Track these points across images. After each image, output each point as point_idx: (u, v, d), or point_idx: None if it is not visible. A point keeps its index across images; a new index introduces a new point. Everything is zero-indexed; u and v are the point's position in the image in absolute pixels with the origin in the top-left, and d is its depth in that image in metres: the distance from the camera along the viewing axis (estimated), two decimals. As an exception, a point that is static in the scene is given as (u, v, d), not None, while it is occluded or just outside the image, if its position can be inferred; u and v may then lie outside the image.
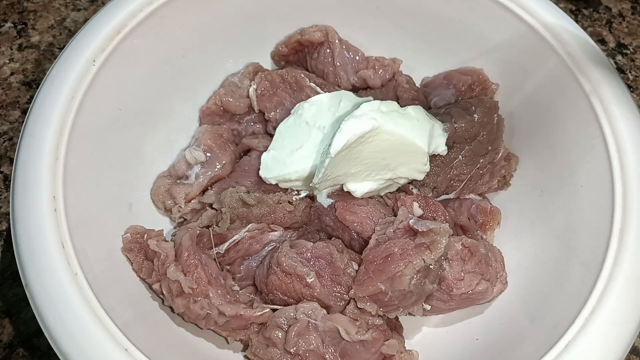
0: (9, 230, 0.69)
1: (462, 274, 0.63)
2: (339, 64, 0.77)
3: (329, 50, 0.77)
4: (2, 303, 0.73)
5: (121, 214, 0.67)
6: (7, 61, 0.91)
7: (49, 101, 0.62)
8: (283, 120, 0.72)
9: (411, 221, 0.62)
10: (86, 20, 0.72)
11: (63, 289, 0.54)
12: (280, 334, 0.60)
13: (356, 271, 0.63)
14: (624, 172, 0.62)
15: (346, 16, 0.79)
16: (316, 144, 0.67)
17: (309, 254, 0.63)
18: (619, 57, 0.99)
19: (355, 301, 0.61)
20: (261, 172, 0.70)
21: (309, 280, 0.61)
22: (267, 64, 0.81)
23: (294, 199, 0.68)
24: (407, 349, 0.63)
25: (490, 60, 0.76)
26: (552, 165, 0.71)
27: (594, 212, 0.63)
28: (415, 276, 0.59)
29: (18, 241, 0.56)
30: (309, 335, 0.60)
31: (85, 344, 0.52)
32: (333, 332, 0.60)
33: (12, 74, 0.90)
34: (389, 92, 0.77)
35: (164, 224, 0.72)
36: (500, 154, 0.73)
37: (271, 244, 0.67)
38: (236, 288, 0.66)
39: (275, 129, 0.72)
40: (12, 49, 0.92)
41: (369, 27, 0.80)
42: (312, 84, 0.75)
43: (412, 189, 0.70)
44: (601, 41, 1.00)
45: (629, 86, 0.92)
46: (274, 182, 0.69)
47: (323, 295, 0.62)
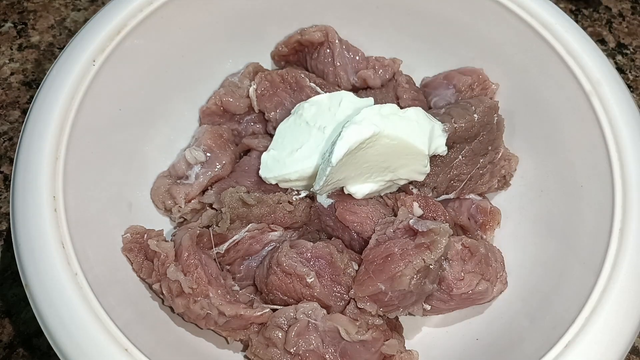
0: (9, 230, 0.69)
1: (462, 274, 0.63)
2: (339, 64, 0.77)
3: (329, 50, 0.77)
4: (2, 303, 0.73)
5: (121, 214, 0.67)
6: (7, 61, 0.91)
7: (49, 101, 0.62)
8: (283, 120, 0.72)
9: (411, 221, 0.62)
10: (86, 20, 0.72)
11: (63, 289, 0.54)
12: (280, 334, 0.60)
13: (356, 271, 0.63)
14: (624, 172, 0.62)
15: (346, 16, 0.79)
16: (316, 144, 0.67)
17: (309, 254, 0.63)
18: (619, 57, 0.99)
19: (355, 301, 0.61)
20: (261, 172, 0.70)
21: (309, 280, 0.61)
22: (267, 64, 0.81)
23: (294, 199, 0.68)
24: (407, 349, 0.63)
25: (490, 60, 0.76)
26: (552, 165, 0.71)
27: (594, 212, 0.63)
28: (415, 276, 0.59)
29: (18, 241, 0.56)
30: (309, 335, 0.59)
31: (85, 344, 0.52)
32: (333, 332, 0.60)
33: (12, 74, 0.90)
34: (389, 92, 0.77)
35: (164, 224, 0.72)
36: (500, 154, 0.73)
37: (271, 244, 0.67)
38: (236, 288, 0.66)
39: (275, 129, 0.72)
40: (12, 49, 0.92)
41: (369, 27, 0.80)
42: (312, 84, 0.75)
43: (412, 189, 0.70)
44: (601, 41, 1.00)
45: (629, 86, 0.92)
46: (274, 182, 0.69)
47: (323, 295, 0.62)
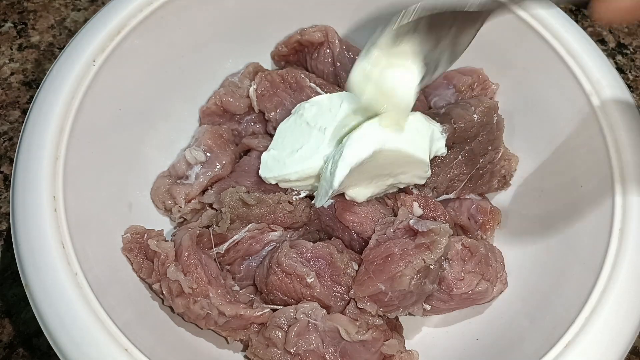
0: (9, 230, 0.69)
1: (462, 274, 0.63)
2: (339, 64, 0.76)
3: (329, 50, 0.77)
4: (2, 303, 0.73)
5: (121, 214, 0.67)
6: (7, 61, 0.91)
7: (49, 101, 0.62)
8: (283, 120, 0.72)
9: (411, 221, 0.62)
10: (86, 20, 0.72)
11: (63, 289, 0.54)
12: (280, 334, 0.60)
13: (356, 271, 0.63)
14: (624, 172, 0.62)
15: (346, 16, 0.79)
16: (317, 145, 0.66)
17: (309, 254, 0.63)
18: (619, 57, 0.99)
19: (355, 301, 0.61)
20: (261, 172, 0.70)
21: (309, 280, 0.61)
22: (267, 64, 0.81)
23: (294, 199, 0.68)
24: (407, 349, 0.63)
25: (490, 60, 0.76)
26: (552, 165, 0.71)
27: (594, 212, 0.63)
28: (415, 276, 0.59)
29: (18, 241, 0.56)
30: (309, 335, 0.59)
31: (85, 344, 0.52)
32: (333, 332, 0.60)
33: (12, 74, 0.90)
34: (389, 92, 0.77)
35: (164, 224, 0.72)
36: (500, 154, 0.73)
37: (271, 244, 0.67)
38: (236, 288, 0.66)
39: (276, 129, 0.72)
40: (12, 49, 0.92)
41: (369, 27, 0.80)
42: (312, 84, 0.75)
43: (412, 189, 0.70)
44: (601, 41, 1.00)
45: (629, 86, 0.92)
46: (274, 182, 0.69)
47: (323, 295, 0.62)
